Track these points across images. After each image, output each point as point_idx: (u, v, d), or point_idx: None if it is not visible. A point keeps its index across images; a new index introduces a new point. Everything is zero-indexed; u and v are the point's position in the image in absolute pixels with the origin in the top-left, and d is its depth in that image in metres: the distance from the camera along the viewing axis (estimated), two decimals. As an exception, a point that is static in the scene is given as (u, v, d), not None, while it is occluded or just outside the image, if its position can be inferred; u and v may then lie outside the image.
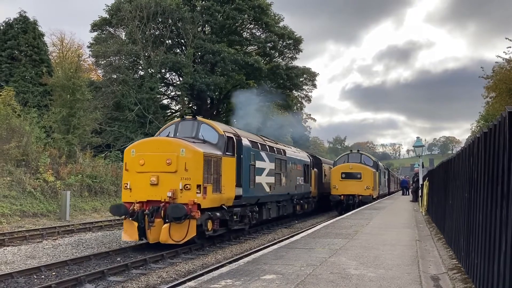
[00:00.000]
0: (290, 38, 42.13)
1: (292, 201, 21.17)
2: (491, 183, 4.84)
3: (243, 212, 15.03)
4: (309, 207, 24.55)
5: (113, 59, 36.62)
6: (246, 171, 14.72)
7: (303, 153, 24.81)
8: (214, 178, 12.58)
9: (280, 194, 18.73)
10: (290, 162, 20.29)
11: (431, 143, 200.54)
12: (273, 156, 17.87)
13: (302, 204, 22.98)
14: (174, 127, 14.09)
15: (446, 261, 8.16)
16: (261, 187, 16.30)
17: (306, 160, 23.85)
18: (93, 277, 9.01)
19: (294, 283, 5.92)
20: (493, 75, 27.85)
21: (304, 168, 23.00)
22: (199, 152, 12.00)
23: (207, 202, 12.19)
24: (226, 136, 13.60)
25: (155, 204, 11.76)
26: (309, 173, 24.12)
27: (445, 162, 11.40)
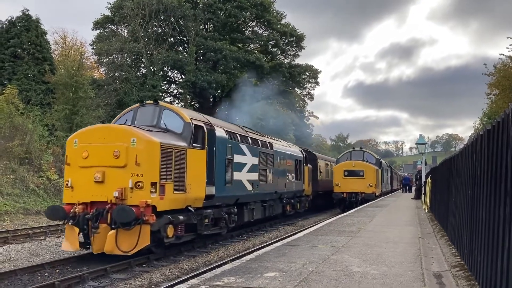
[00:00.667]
0: (292, 35, 42.09)
1: (281, 200, 19.23)
2: (494, 180, 4.82)
3: (218, 214, 12.96)
4: (301, 207, 22.62)
5: (115, 57, 36.63)
6: (221, 166, 12.68)
7: (294, 147, 22.84)
8: (176, 174, 10.49)
9: (265, 192, 16.71)
10: (278, 157, 18.31)
11: (434, 140, 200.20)
12: (257, 150, 15.80)
13: (294, 203, 21.04)
14: (132, 113, 11.93)
15: (449, 258, 8.15)
16: (241, 185, 14.31)
17: (298, 155, 21.92)
18: (96, 274, 9.03)
19: (297, 281, 5.92)
20: (496, 72, 27.77)
21: (296, 164, 21.09)
22: (154, 142, 9.90)
23: (166, 203, 10.14)
24: (194, 125, 11.38)
25: (100, 206, 9.72)
26: (302, 170, 22.22)
27: (448, 159, 11.38)
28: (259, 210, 16.64)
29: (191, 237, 11.96)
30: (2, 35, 31.28)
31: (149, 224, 9.66)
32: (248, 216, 15.58)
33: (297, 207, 21.80)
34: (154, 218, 9.72)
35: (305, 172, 23.04)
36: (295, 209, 21.55)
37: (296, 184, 21.10)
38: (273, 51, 42.30)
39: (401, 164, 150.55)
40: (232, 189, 13.57)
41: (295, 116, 53.25)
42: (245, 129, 16.34)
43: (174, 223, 10.48)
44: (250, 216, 15.76)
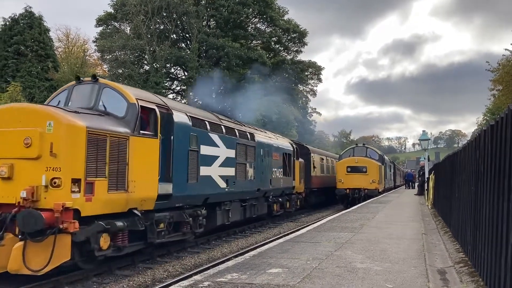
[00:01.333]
0: (295, 31, 42.02)
1: (266, 199, 17.15)
2: (498, 176, 4.81)
3: (179, 218, 10.70)
4: (292, 206, 20.54)
5: (118, 54, 36.68)
6: (181, 159, 10.48)
7: (283, 139, 20.57)
8: (113, 168, 8.31)
9: (245, 190, 14.51)
10: (261, 150, 16.06)
11: (437, 136, 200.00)
12: (234, 141, 13.62)
13: (282, 202, 18.89)
14: (66, 93, 9.73)
15: (452, 254, 8.14)
16: (211, 182, 12.09)
17: (287, 148, 19.66)
18: (99, 271, 9.05)
19: (300, 277, 5.93)
20: (500, 68, 27.66)
21: (284, 158, 18.95)
22: (77, 126, 7.70)
23: (96, 206, 7.95)
24: (141, 106, 9.18)
25: (6, 210, 7.62)
26: (292, 164, 20.06)
27: (451, 155, 11.35)
28: (237, 210, 14.32)
29: (140, 246, 9.65)
30: (5, 33, 31.35)
31: (70, 234, 7.48)
32: (222, 218, 13.26)
33: (287, 206, 19.82)
34: (77, 226, 7.49)
35: (296, 167, 20.83)
36: (284, 209, 19.56)
37: (285, 180, 18.88)
38: (275, 48, 42.24)
39: (404, 160, 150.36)
40: (198, 187, 11.24)
41: (298, 112, 53.19)
42: (220, 116, 13.96)
43: (110, 231, 8.21)
44: (224, 218, 13.45)
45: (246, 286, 5.47)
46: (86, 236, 7.86)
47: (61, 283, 7.99)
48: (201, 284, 5.61)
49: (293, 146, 20.90)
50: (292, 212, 21.29)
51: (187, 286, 5.50)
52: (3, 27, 31.92)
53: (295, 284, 5.55)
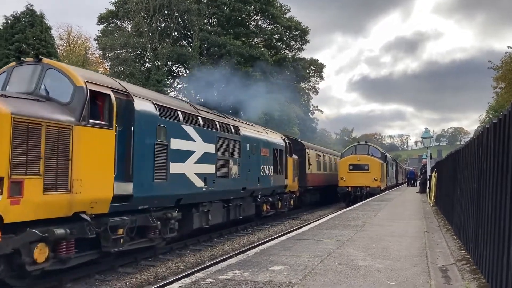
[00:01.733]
0: (296, 29, 41.96)
1: (254, 199, 15.70)
2: (500, 174, 4.80)
3: (144, 222, 9.20)
4: (284, 206, 18.97)
5: (120, 52, 36.69)
6: (146, 154, 8.98)
7: (274, 134, 18.81)
8: (51, 164, 6.93)
9: (228, 189, 13.06)
10: (248, 145, 14.57)
11: (439, 134, 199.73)
12: (214, 135, 12.12)
13: (273, 202, 17.37)
14: (5, 76, 8.45)
15: (454, 252, 8.14)
16: (185, 181, 10.58)
17: (279, 144, 18.08)
18: (102, 268, 9.07)
19: (302, 274, 5.93)
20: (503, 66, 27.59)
21: (275, 154, 17.33)
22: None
23: (28, 210, 6.56)
24: (90, 91, 7.83)
25: None
26: (284, 161, 18.51)
27: (454, 153, 11.33)
28: (218, 212, 12.90)
29: (92, 257, 8.12)
30: (7, 31, 31.37)
31: None
32: (199, 221, 11.81)
33: (278, 206, 18.21)
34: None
35: (289, 164, 19.26)
36: (276, 209, 17.99)
37: (276, 178, 17.31)
38: (277, 45, 42.17)
39: (406, 158, 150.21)
40: (167, 187, 9.79)
41: (299, 110, 53.16)
42: (198, 107, 12.52)
43: (49, 240, 6.85)
44: (202, 221, 11.98)
45: (248, 283, 5.48)
46: (14, 247, 6.47)
47: (63, 281, 8.01)
48: (203, 281, 5.62)
49: (286, 141, 19.27)
50: (285, 212, 19.82)
51: (190, 284, 5.51)
52: (4, 25, 31.93)
53: (297, 281, 5.56)
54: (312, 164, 24.76)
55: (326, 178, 28.41)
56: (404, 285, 5.44)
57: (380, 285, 5.39)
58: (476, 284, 5.62)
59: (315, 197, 26.55)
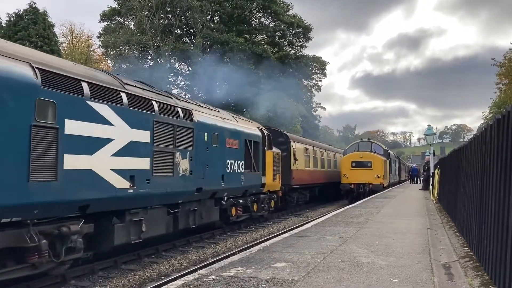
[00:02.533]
0: (299, 26, 41.90)
1: (217, 201, 12.80)
2: (504, 170, 4.79)
3: (13, 241, 6.39)
4: (260, 209, 15.96)
5: (122, 49, 36.72)
6: (11, 140, 6.20)
7: (247, 123, 15.70)
8: None
9: (173, 191, 9.94)
10: (205, 134, 11.57)
11: (442, 131, 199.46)
12: (148, 118, 9.05)
13: (245, 204, 14.59)
14: None
15: (457, 249, 8.13)
16: (94, 180, 7.68)
17: (253, 134, 15.07)
18: (105, 265, 9.10)
19: (305, 271, 5.94)
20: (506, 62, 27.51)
21: (249, 147, 14.47)
22: None
23: None
24: None
25: None
26: (260, 156, 15.53)
27: (457, 150, 11.31)
28: (158, 221, 9.87)
29: None
30: (10, 28, 31.43)
31: None
32: (124, 234, 8.66)
33: (253, 208, 15.37)
34: None
35: (268, 159, 16.32)
36: (250, 212, 15.20)
37: (249, 176, 14.42)
38: (280, 42, 42.11)
39: (409, 155, 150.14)
40: (59, 189, 6.92)
41: (302, 107, 53.11)
42: (125, 80, 9.22)
43: None
44: (131, 233, 8.82)
45: (251, 280, 5.48)
46: None
47: (67, 278, 8.04)
48: (207, 278, 5.63)
49: (263, 132, 16.29)
50: (265, 216, 17.08)
51: (193, 281, 5.52)
52: (7, 23, 32.01)
53: (300, 278, 5.56)
54: (299, 160, 21.78)
55: (319, 176, 26.21)
56: (407, 282, 5.44)
57: (383, 282, 5.39)
58: (479, 281, 5.62)
59: (303, 197, 23.80)
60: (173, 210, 10.45)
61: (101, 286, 8.04)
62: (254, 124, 16.29)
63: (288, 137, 21.19)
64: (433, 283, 5.40)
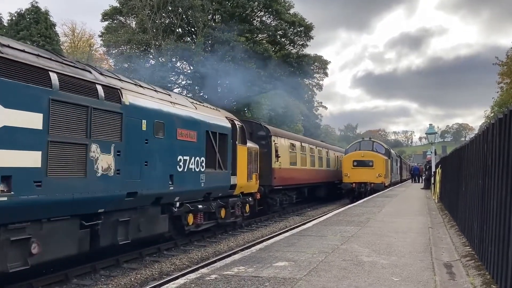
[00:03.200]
0: (300, 25, 41.85)
1: (165, 208, 10.29)
2: (506, 169, 4.79)
3: None
4: (230, 215, 13.54)
5: (124, 48, 36.74)
6: None
7: (211, 110, 12.98)
8: None
9: (87, 198, 7.52)
10: (143, 122, 9.06)
11: (444, 130, 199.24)
12: (39, 95, 6.71)
13: (207, 210, 12.09)
14: None
15: (459, 248, 8.13)
16: None
17: (219, 125, 12.57)
18: (107, 264, 9.12)
19: (306, 270, 5.94)
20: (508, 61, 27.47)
21: (212, 141, 11.97)
22: None
23: None
24: None
25: None
26: (229, 151, 13.05)
27: (459, 149, 11.30)
28: (66, 237, 7.44)
29: None
30: (12, 28, 31.48)
31: None
32: None
33: (221, 215, 12.93)
34: None
35: (240, 155, 13.97)
36: (217, 220, 12.74)
37: (212, 176, 11.91)
38: (281, 41, 42.09)
39: (410, 154, 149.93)
40: None
41: (303, 106, 53.11)
42: (5, 41, 6.68)
43: None
44: (10, 259, 6.30)
45: (252, 279, 5.49)
46: None
47: (69, 276, 8.06)
48: (208, 277, 5.64)
49: (234, 123, 13.77)
50: (239, 223, 14.79)
51: (194, 279, 5.53)
52: (9, 22, 32.06)
53: (302, 277, 5.57)
54: (282, 157, 19.08)
55: (309, 175, 23.62)
56: (409, 281, 5.44)
57: (384, 281, 5.39)
58: (481, 280, 5.62)
59: (288, 199, 21.06)
60: (88, 223, 7.88)
61: (103, 284, 8.07)
62: (222, 113, 13.67)
63: (269, 131, 18.57)
64: (435, 282, 5.40)
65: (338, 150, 33.63)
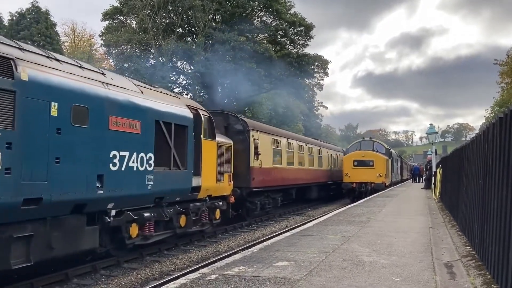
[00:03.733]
0: (301, 25, 41.83)
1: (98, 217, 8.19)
2: (506, 169, 4.78)
3: None
4: (190, 223, 11.23)
5: (124, 48, 36.74)
6: None
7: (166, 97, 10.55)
8: None
9: None
10: (53, 105, 6.87)
11: (445, 130, 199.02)
12: None
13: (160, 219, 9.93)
14: None
15: (459, 248, 8.12)
16: None
17: (172, 114, 10.20)
18: (107, 264, 9.12)
19: (306, 270, 5.94)
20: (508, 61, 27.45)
21: (165, 134, 9.85)
22: None
23: None
24: None
25: None
26: (189, 147, 10.76)
27: (459, 148, 11.29)
28: None
29: None
30: (12, 27, 31.51)
31: None
32: None
33: (179, 224, 10.74)
34: None
35: (207, 151, 11.86)
36: (174, 229, 10.59)
37: (164, 176, 9.72)
38: (281, 41, 42.08)
39: (411, 153, 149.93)
40: None
41: (304, 106, 53.11)
42: None
43: None
44: None
45: (253, 279, 5.49)
46: None
47: (70, 276, 8.06)
48: (209, 277, 5.64)
49: (199, 113, 11.47)
50: (206, 231, 12.61)
51: (195, 279, 5.53)
52: (10, 22, 32.09)
53: (302, 277, 5.57)
54: (262, 154, 16.47)
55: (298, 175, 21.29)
56: (409, 281, 5.44)
57: (385, 281, 5.39)
58: (482, 280, 5.61)
59: (272, 202, 18.47)
60: None
61: (104, 284, 8.07)
62: (182, 101, 11.27)
63: (247, 125, 15.89)
64: (435, 282, 5.40)
65: (332, 148, 31.38)
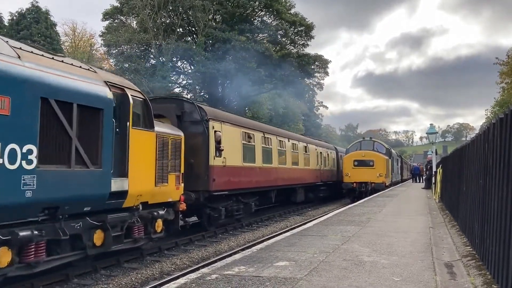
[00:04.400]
0: (301, 25, 41.83)
1: None
2: (507, 169, 4.78)
3: None
4: (110, 240, 8.14)
5: (124, 48, 36.73)
6: None
7: (69, 67, 7.54)
8: None
9: None
10: None
11: (445, 130, 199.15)
12: None
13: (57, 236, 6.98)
14: None
15: (460, 248, 8.12)
16: None
17: (75, 90, 7.20)
18: (107, 264, 9.12)
19: (307, 270, 5.94)
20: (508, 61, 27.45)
21: (62, 118, 6.88)
22: None
23: None
24: None
25: None
26: (105, 137, 7.81)
27: (459, 148, 11.29)
28: None
29: None
30: (12, 27, 31.51)
31: None
32: None
33: (93, 242, 7.91)
34: None
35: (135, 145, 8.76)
36: (84, 250, 7.79)
37: (62, 178, 6.91)
38: (282, 41, 42.08)
39: (411, 153, 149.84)
40: None
41: (304, 106, 53.11)
42: None
43: None
44: None
45: (253, 279, 5.49)
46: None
47: (70, 276, 8.07)
48: (209, 276, 5.64)
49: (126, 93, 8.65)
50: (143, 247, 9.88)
51: (195, 279, 5.53)
52: (10, 22, 32.09)
53: (302, 277, 5.57)
54: (227, 150, 13.58)
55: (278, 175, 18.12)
56: (410, 281, 5.44)
57: (385, 281, 5.39)
58: (482, 280, 5.61)
59: (244, 208, 15.49)
60: None
61: (104, 284, 8.07)
62: (98, 75, 8.23)
63: (206, 114, 12.99)
64: (436, 282, 5.40)
65: (323, 146, 27.55)
